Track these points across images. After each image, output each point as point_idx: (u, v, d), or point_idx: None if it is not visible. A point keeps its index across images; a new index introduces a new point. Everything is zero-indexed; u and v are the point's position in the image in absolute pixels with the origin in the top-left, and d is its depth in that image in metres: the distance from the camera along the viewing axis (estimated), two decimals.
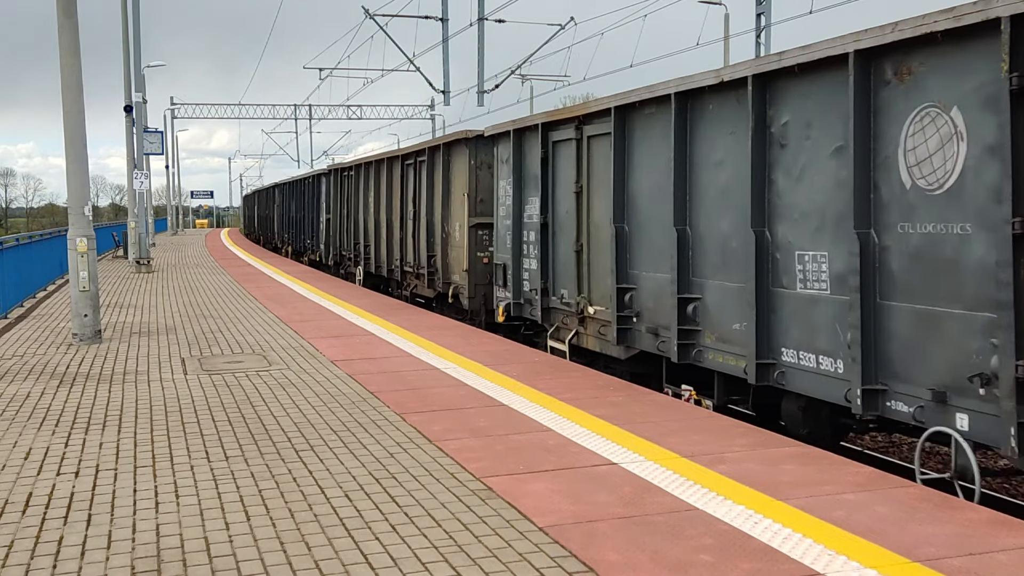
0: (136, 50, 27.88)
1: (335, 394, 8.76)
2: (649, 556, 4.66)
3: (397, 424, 7.54)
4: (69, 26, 12.20)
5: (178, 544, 4.90)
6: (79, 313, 12.30)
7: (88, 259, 12.34)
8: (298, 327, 13.53)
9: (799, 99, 7.70)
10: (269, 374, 9.85)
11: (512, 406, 8.11)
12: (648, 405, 8.17)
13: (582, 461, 6.38)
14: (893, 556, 4.63)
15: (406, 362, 10.45)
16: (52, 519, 5.33)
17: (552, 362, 10.49)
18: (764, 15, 22.30)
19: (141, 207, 28.52)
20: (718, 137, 8.74)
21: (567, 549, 4.78)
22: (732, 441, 6.89)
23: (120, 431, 7.43)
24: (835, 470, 6.15)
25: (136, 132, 28.47)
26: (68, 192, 12.51)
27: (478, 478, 6.02)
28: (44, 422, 7.79)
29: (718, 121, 8.75)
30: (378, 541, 4.93)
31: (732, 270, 8.61)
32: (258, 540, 4.95)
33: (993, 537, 4.89)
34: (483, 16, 27.06)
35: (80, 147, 12.39)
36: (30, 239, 20.42)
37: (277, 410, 8.11)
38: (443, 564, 4.61)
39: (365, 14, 28.13)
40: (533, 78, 35.99)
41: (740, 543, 4.83)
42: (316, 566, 4.59)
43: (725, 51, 26.76)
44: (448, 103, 30.03)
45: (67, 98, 12.24)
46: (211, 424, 7.61)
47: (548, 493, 5.68)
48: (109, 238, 38.45)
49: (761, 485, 5.78)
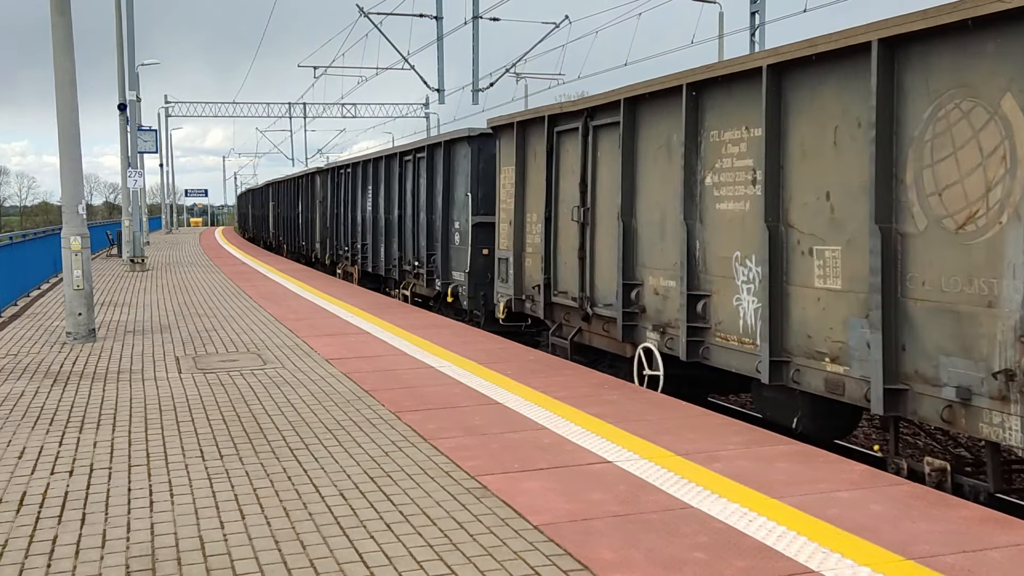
0: (130, 48, 27.84)
1: (330, 392, 8.76)
2: (644, 554, 4.67)
3: (392, 422, 7.54)
4: (63, 24, 12.16)
5: (173, 543, 4.89)
6: (73, 312, 12.27)
7: (82, 257, 12.31)
8: (293, 325, 13.52)
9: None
10: (264, 372, 9.84)
11: (507, 404, 8.12)
12: (643, 403, 8.18)
13: (577, 459, 6.38)
14: (887, 554, 4.65)
15: (401, 360, 10.45)
16: (46, 518, 5.33)
17: (547, 360, 10.49)
18: (758, 13, 22.32)
19: (135, 205, 28.47)
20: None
21: (562, 547, 4.78)
22: (726, 439, 6.90)
23: (115, 430, 7.42)
24: (829, 468, 6.16)
25: (130, 130, 28.43)
26: (62, 190, 12.48)
27: (473, 476, 6.02)
28: (38, 421, 7.77)
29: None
30: (373, 539, 4.93)
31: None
32: (253, 539, 4.95)
33: (987, 534, 4.91)
34: (478, 14, 27.04)
35: (74, 145, 12.36)
36: (24, 237, 20.40)
37: (272, 408, 8.10)
38: (438, 562, 4.61)
39: (360, 12, 28.09)
40: (528, 76, 36.03)
41: (734, 541, 4.84)
42: (311, 565, 4.59)
43: (719, 49, 26.79)
44: (443, 101, 29.99)
45: (61, 96, 12.22)
46: (206, 423, 7.61)
47: (543, 491, 5.68)
48: (103, 236, 38.38)
49: (755, 483, 5.80)
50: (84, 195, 12.80)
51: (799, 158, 7.74)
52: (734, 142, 8.54)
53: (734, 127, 8.54)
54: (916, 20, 6.39)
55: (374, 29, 28.66)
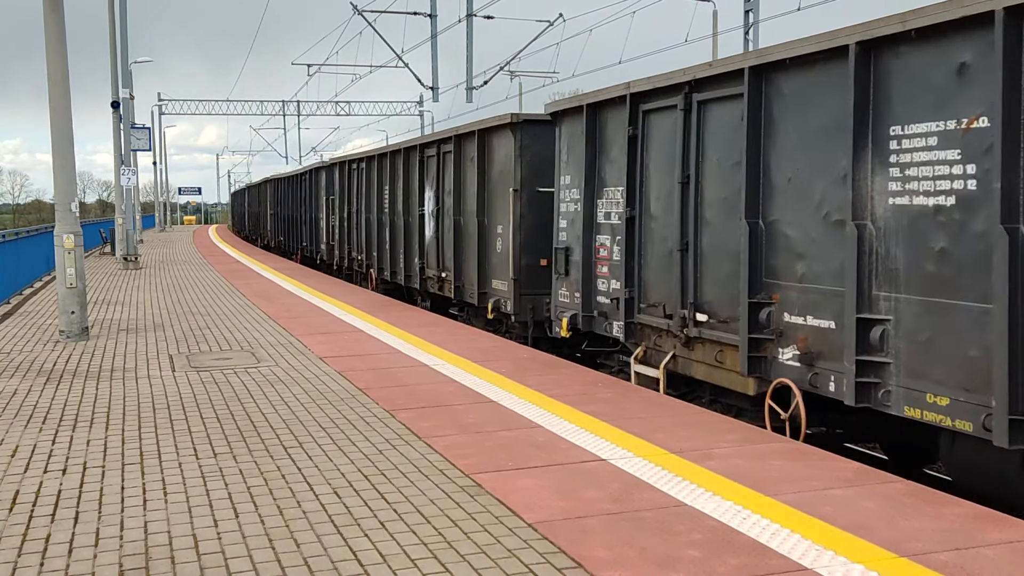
0: (123, 46, 27.76)
1: (324, 391, 8.75)
2: (638, 552, 4.67)
3: (386, 420, 7.53)
4: (55, 21, 12.13)
5: (166, 542, 4.88)
6: (66, 310, 12.25)
7: (75, 255, 12.29)
8: (287, 324, 13.51)
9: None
10: (257, 371, 9.83)
11: (501, 402, 8.12)
12: (637, 401, 8.19)
13: (571, 457, 6.38)
14: (880, 551, 4.66)
15: (395, 359, 10.44)
16: (39, 516, 5.31)
17: (542, 359, 10.49)
18: (752, 12, 22.35)
19: (128, 203, 28.41)
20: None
21: (556, 545, 4.78)
22: (720, 437, 6.91)
23: (108, 428, 7.40)
24: (823, 465, 6.17)
25: (123, 128, 28.37)
26: (55, 188, 12.45)
27: (467, 474, 6.02)
28: (31, 419, 7.75)
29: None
30: (367, 538, 4.93)
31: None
32: (246, 537, 4.94)
33: (979, 532, 4.92)
34: (472, 12, 27.04)
35: (67, 143, 12.33)
36: (16, 235, 20.34)
37: (265, 407, 8.09)
38: (432, 560, 4.61)
39: (353, 10, 28.07)
40: (522, 74, 36.00)
41: (728, 539, 4.85)
42: (305, 563, 4.59)
43: (714, 48, 26.82)
44: (437, 99, 29.99)
45: (54, 94, 12.18)
46: (199, 421, 7.60)
47: (537, 489, 5.68)
48: (96, 234, 38.28)
49: (749, 481, 5.80)
50: (77, 193, 12.77)
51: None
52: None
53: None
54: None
55: (368, 27, 28.64)
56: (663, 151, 9.61)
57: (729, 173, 8.58)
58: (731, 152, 8.51)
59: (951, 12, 6.15)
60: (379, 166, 20.86)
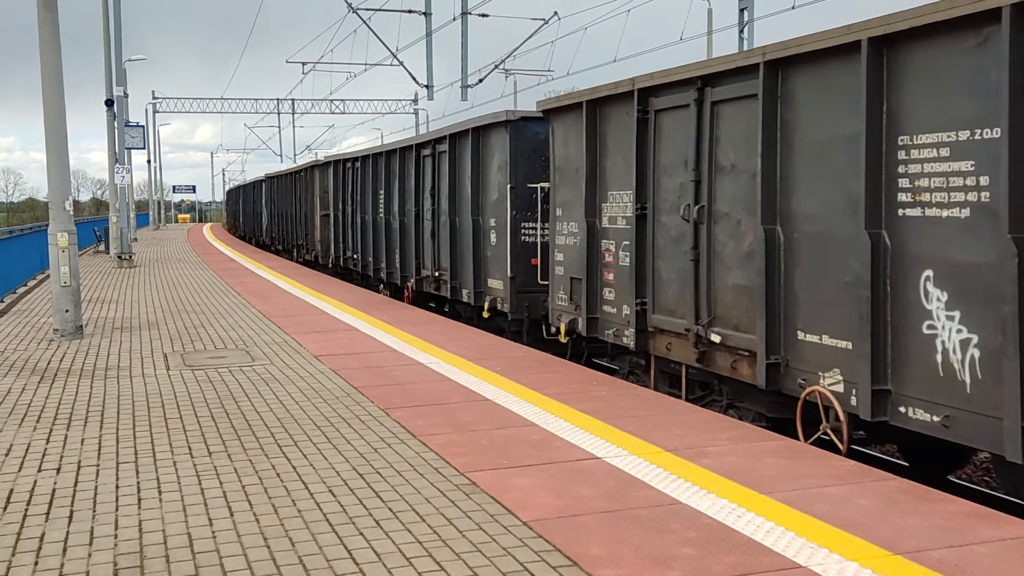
0: (117, 44, 27.71)
1: (319, 389, 8.74)
2: (633, 550, 4.68)
3: (381, 419, 7.53)
4: (49, 19, 12.10)
5: (161, 540, 4.88)
6: (60, 308, 12.22)
7: (69, 254, 12.26)
8: (281, 322, 13.49)
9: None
10: (252, 369, 9.82)
11: (496, 401, 8.12)
12: (632, 399, 8.19)
13: (566, 455, 6.39)
14: (874, 549, 4.67)
15: (390, 357, 10.43)
16: (33, 515, 5.30)
17: (536, 357, 10.49)
18: (747, 10, 22.36)
19: (123, 202, 28.35)
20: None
21: (551, 543, 4.79)
22: (715, 435, 6.92)
23: (102, 427, 7.39)
24: (817, 464, 6.18)
25: (117, 127, 28.29)
26: (49, 186, 12.43)
27: (462, 473, 6.02)
28: (25, 418, 7.74)
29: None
30: (362, 536, 4.93)
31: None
32: (241, 536, 4.94)
33: (973, 529, 4.93)
34: (467, 10, 27.01)
35: (61, 141, 12.30)
36: (10, 234, 20.28)
37: (260, 406, 8.09)
38: (427, 559, 4.61)
39: (348, 8, 28.03)
40: (517, 73, 36.03)
41: (723, 536, 4.85)
42: (300, 562, 4.58)
43: (708, 46, 26.84)
44: (432, 98, 29.99)
45: (47, 92, 12.15)
46: (194, 420, 7.59)
47: (532, 488, 5.69)
48: (90, 233, 38.22)
49: (744, 479, 5.81)
50: (71, 191, 12.74)
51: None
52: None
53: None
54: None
55: (363, 25, 28.61)
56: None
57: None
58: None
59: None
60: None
